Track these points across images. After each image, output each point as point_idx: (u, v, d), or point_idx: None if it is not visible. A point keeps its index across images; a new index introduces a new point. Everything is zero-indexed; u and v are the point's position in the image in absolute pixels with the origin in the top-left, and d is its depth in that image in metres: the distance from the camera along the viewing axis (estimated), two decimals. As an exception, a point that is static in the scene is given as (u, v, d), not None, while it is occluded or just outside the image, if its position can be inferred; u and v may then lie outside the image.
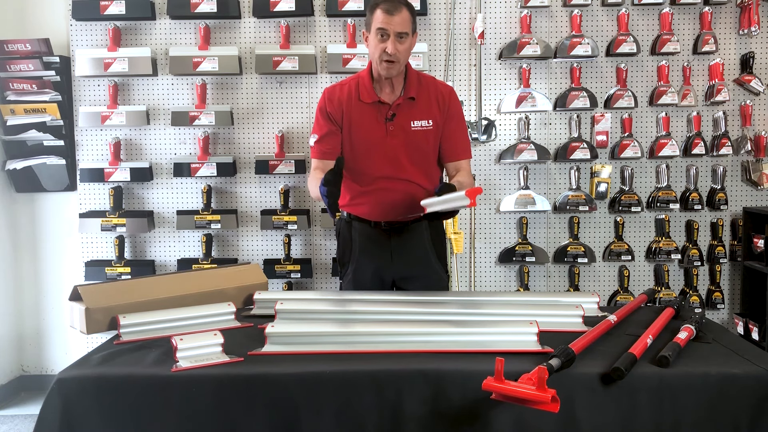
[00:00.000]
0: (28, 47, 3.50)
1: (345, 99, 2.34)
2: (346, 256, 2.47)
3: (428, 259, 2.43)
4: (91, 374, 1.64)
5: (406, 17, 2.21)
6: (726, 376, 1.58)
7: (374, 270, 2.41)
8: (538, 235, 3.67)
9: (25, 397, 3.70)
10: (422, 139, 2.33)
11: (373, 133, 2.32)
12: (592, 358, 1.64)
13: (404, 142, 2.32)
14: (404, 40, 2.22)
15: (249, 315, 2.13)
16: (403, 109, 2.32)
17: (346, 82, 2.39)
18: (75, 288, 1.96)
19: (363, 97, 2.33)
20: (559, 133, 3.63)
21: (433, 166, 2.43)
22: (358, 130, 2.33)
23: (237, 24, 3.57)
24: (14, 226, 3.71)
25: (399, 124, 2.31)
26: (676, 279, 3.70)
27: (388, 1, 2.20)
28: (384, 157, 2.32)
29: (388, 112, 2.32)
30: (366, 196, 2.37)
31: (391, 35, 2.19)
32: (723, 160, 3.64)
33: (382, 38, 2.20)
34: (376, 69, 2.29)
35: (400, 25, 2.19)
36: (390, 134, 2.31)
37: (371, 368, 1.62)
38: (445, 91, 2.39)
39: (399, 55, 2.21)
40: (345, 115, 2.34)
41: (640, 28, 3.58)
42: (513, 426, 1.55)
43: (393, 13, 2.18)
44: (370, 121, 2.32)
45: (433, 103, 2.35)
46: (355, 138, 2.33)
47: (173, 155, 3.61)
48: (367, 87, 2.33)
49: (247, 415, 1.59)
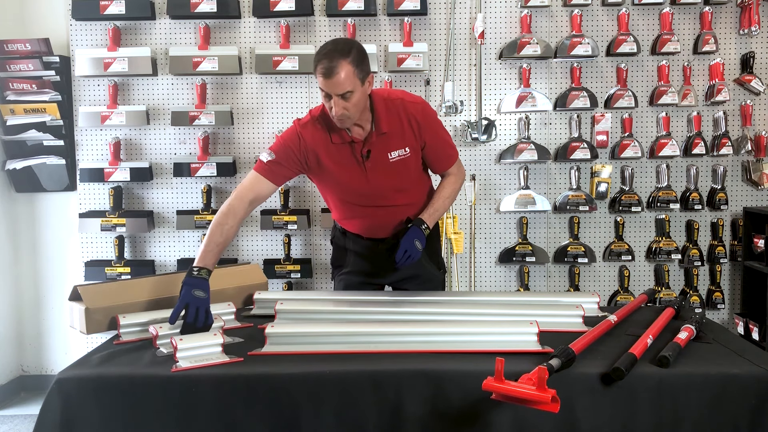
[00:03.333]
0: (28, 47, 3.50)
1: (317, 142, 2.22)
2: (339, 261, 2.48)
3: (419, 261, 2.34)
4: (90, 374, 1.64)
5: (346, 74, 2.01)
6: (726, 376, 1.58)
7: (367, 276, 2.41)
8: (539, 235, 3.66)
9: (25, 397, 3.70)
10: (402, 167, 2.26)
11: (352, 172, 2.24)
12: (592, 358, 1.64)
13: (385, 175, 2.25)
14: (350, 97, 2.05)
15: (249, 315, 2.13)
16: (377, 144, 2.21)
17: (313, 122, 2.23)
18: (75, 288, 1.96)
19: (334, 139, 2.21)
20: (559, 133, 3.63)
21: (420, 179, 2.39)
22: (337, 171, 2.25)
23: (237, 24, 3.57)
24: (14, 226, 3.71)
25: (376, 159, 2.23)
26: (676, 279, 3.70)
27: (324, 59, 2.01)
28: (367, 192, 2.27)
29: (363, 149, 2.21)
30: (354, 219, 2.36)
31: (334, 97, 2.04)
32: (723, 160, 3.64)
33: (327, 98, 2.07)
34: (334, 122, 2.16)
35: (339, 86, 2.02)
36: (369, 171, 2.23)
37: (371, 368, 1.62)
38: (415, 112, 2.24)
39: (347, 113, 2.07)
40: (320, 157, 2.23)
41: (640, 28, 3.58)
42: (513, 426, 1.55)
43: (330, 76, 2.01)
44: (347, 161, 2.23)
45: (406, 131, 2.23)
46: (335, 178, 2.27)
47: (173, 155, 3.61)
48: (335, 128, 2.19)
49: (247, 415, 1.59)
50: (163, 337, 1.76)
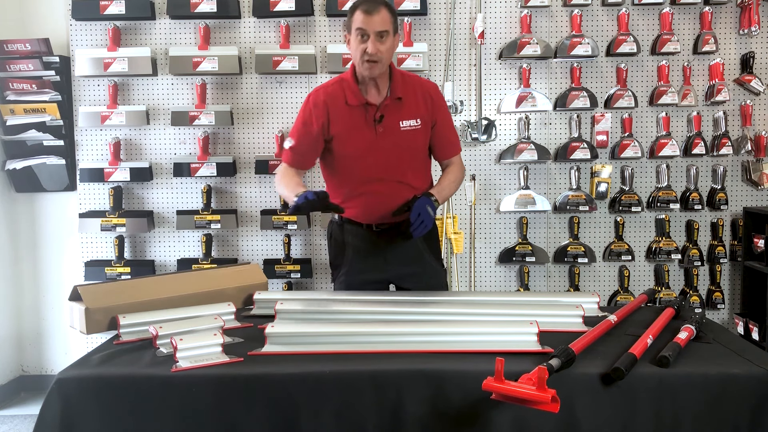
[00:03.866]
0: (28, 47, 3.50)
1: (331, 103, 2.31)
2: (338, 259, 2.46)
3: (422, 256, 2.42)
4: (90, 374, 1.64)
5: (386, 17, 2.19)
6: (726, 376, 1.58)
7: (368, 273, 2.39)
8: (538, 235, 3.66)
9: (25, 397, 3.70)
10: (412, 138, 2.32)
11: (363, 135, 2.29)
12: (592, 358, 1.64)
13: (394, 143, 2.30)
14: (385, 40, 2.20)
15: (249, 315, 2.13)
16: (390, 109, 2.29)
17: (329, 85, 2.36)
18: (75, 288, 1.96)
19: (349, 100, 2.29)
20: (559, 133, 3.63)
21: (424, 164, 2.44)
22: (347, 133, 2.30)
23: (237, 24, 3.57)
24: (14, 226, 3.71)
25: (388, 125, 2.29)
26: (676, 279, 3.70)
27: (366, 2, 2.19)
28: (375, 159, 2.29)
29: (376, 113, 2.28)
30: (357, 198, 2.34)
31: (371, 35, 2.17)
32: (723, 160, 3.64)
33: (363, 39, 2.19)
34: (360, 71, 2.27)
35: (379, 24, 2.17)
36: (380, 136, 2.29)
37: (371, 368, 1.62)
38: (430, 89, 2.39)
39: (380, 55, 2.19)
40: (332, 119, 2.30)
41: (640, 28, 3.58)
42: (513, 426, 1.55)
43: (372, 12, 2.17)
44: (359, 123, 2.29)
45: (420, 102, 2.33)
46: (345, 141, 2.30)
47: (173, 155, 3.61)
48: (352, 89, 2.29)
49: (247, 415, 1.59)
50: (163, 337, 1.76)
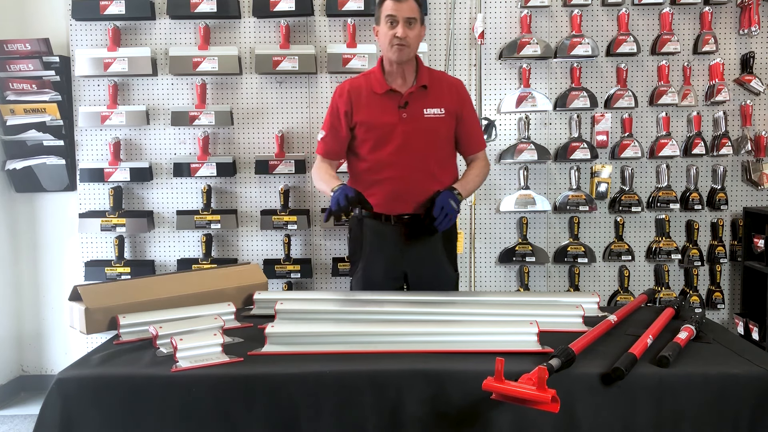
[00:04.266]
0: (28, 47, 3.50)
1: (356, 91, 2.43)
2: (356, 254, 2.52)
3: (438, 254, 2.46)
4: (90, 374, 1.64)
5: (414, 6, 2.34)
6: (726, 376, 1.58)
7: (384, 265, 2.44)
8: (538, 235, 3.66)
9: (25, 397, 3.70)
10: (435, 126, 2.41)
11: (387, 120, 2.38)
12: (592, 358, 1.64)
13: (417, 128, 2.38)
14: (413, 26, 2.34)
15: (249, 315, 2.13)
16: (415, 97, 2.40)
17: (356, 78, 2.51)
18: (75, 288, 1.96)
19: (375, 88, 2.41)
20: (559, 133, 3.63)
21: (449, 157, 2.49)
22: (372, 119, 2.39)
23: (237, 24, 3.57)
24: (14, 226, 3.71)
25: (412, 111, 2.39)
26: (676, 279, 3.70)
27: None
28: (397, 143, 2.37)
29: (401, 100, 2.39)
30: (377, 185, 2.40)
31: (401, 21, 2.30)
32: (723, 160, 3.64)
33: (392, 25, 2.32)
34: (388, 57, 2.38)
35: (408, 11, 2.31)
36: (403, 121, 2.38)
37: (371, 368, 1.62)
38: (456, 83, 2.52)
39: (409, 40, 2.33)
40: (355, 106, 2.41)
41: (640, 28, 3.58)
42: (513, 426, 1.55)
43: (401, 0, 2.30)
44: (383, 109, 2.39)
45: (444, 93, 2.43)
46: (369, 127, 2.40)
47: (173, 155, 3.61)
48: (378, 79, 2.42)
49: (247, 415, 1.59)
50: (163, 337, 1.76)
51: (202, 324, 1.82)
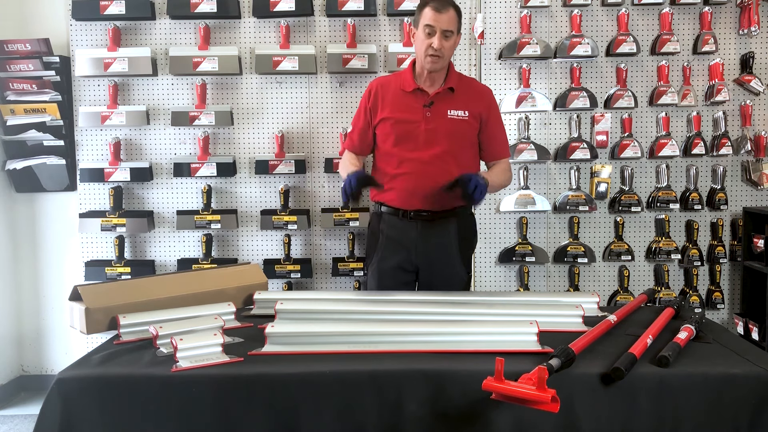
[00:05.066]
0: (28, 47, 3.50)
1: (383, 88, 2.50)
2: (372, 247, 2.56)
3: (451, 251, 2.49)
4: (91, 374, 1.64)
5: (453, 17, 2.35)
6: (726, 376, 1.58)
7: (398, 259, 2.48)
8: (538, 235, 3.67)
9: (25, 397, 3.70)
10: (458, 127, 2.45)
11: (411, 116, 2.44)
12: (592, 358, 1.64)
13: (440, 126, 2.42)
14: (449, 38, 2.36)
15: (249, 315, 2.13)
16: (442, 98, 2.45)
17: (388, 76, 2.62)
18: (75, 288, 1.96)
19: (404, 86, 2.46)
20: (559, 133, 3.63)
21: (471, 159, 2.52)
22: (396, 113, 2.45)
23: (237, 24, 3.57)
24: (14, 226, 3.71)
25: (437, 111, 2.43)
26: (676, 279, 3.70)
27: (437, 0, 2.33)
28: (420, 140, 2.42)
29: (427, 99, 2.45)
30: (397, 180, 2.45)
31: (438, 32, 2.33)
32: (723, 160, 3.64)
33: (429, 35, 2.34)
34: (421, 64, 2.42)
35: (447, 23, 2.33)
36: (427, 119, 2.43)
37: (371, 368, 1.62)
38: (484, 90, 2.57)
39: (444, 51, 2.35)
40: (381, 101, 2.48)
41: (640, 28, 3.58)
42: (513, 426, 1.55)
43: (441, 11, 2.32)
44: (409, 105, 2.45)
45: (471, 97, 2.48)
46: (393, 121, 2.44)
47: (173, 155, 3.61)
48: (408, 78, 2.48)
49: (247, 415, 1.59)
50: (164, 337, 1.76)
51: (203, 324, 1.82)
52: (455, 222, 2.50)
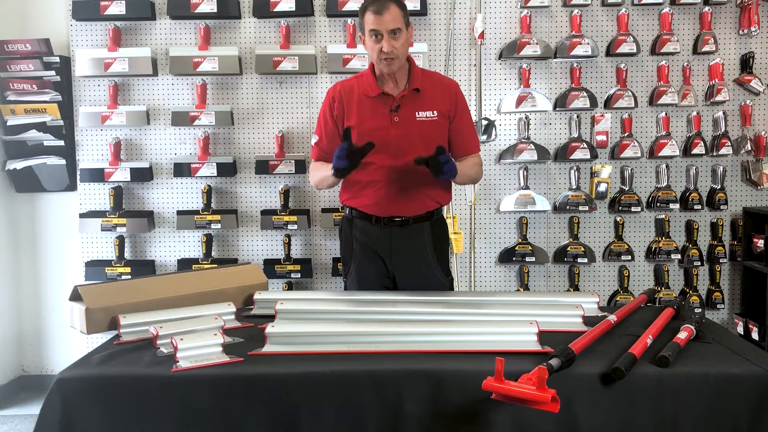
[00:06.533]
0: (28, 47, 3.50)
1: (347, 94, 2.40)
2: (347, 254, 2.50)
3: (426, 257, 2.43)
4: (91, 374, 1.64)
5: (396, 13, 2.25)
6: (726, 376, 1.58)
7: (376, 266, 2.43)
8: (538, 235, 3.67)
9: (25, 397, 3.70)
10: (428, 129, 2.37)
11: (378, 123, 2.35)
12: (592, 358, 1.64)
13: (409, 132, 2.35)
14: (398, 36, 2.26)
15: (249, 315, 2.13)
16: (408, 100, 2.36)
17: (347, 80, 2.47)
18: (75, 288, 1.96)
19: (367, 91, 2.37)
20: (559, 133, 3.63)
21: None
22: (363, 121, 2.36)
23: (237, 24, 3.57)
24: (14, 226, 3.71)
25: (404, 115, 2.35)
26: (676, 279, 3.70)
27: (375, 2, 2.24)
28: (389, 147, 2.33)
29: (392, 103, 2.36)
30: (370, 187, 2.38)
31: (384, 34, 2.24)
32: (723, 160, 3.64)
33: (377, 38, 2.26)
34: (379, 68, 2.34)
35: (391, 22, 2.23)
36: (395, 125, 2.35)
37: (371, 368, 1.62)
38: (451, 85, 2.46)
39: (396, 51, 2.26)
40: (347, 109, 2.38)
41: (640, 28, 3.58)
42: (513, 426, 1.55)
43: (382, 12, 2.23)
44: (375, 112, 2.36)
45: (438, 95, 2.39)
46: (360, 129, 2.34)
47: (173, 155, 3.61)
48: (370, 82, 2.38)
49: (247, 415, 1.59)
50: (164, 337, 1.76)
51: (203, 324, 1.82)
52: (428, 227, 2.43)
